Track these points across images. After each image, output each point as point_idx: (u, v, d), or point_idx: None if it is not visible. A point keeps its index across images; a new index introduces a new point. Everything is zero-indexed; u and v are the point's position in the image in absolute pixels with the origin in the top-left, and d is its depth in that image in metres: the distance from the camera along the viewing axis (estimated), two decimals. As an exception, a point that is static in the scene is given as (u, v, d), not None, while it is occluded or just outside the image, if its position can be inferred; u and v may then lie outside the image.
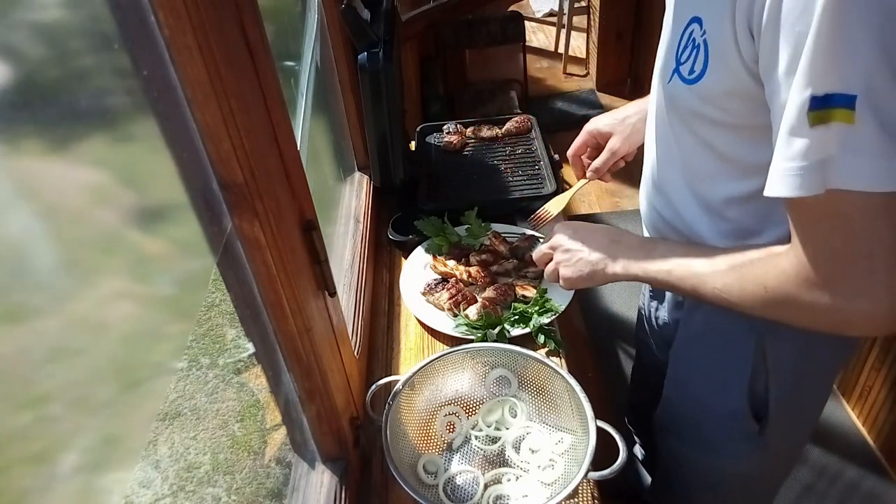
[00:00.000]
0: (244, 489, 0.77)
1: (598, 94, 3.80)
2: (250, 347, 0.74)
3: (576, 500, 0.89)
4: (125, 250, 0.51)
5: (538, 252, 1.01)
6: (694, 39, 0.71)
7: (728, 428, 0.98)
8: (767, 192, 0.63)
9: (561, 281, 0.95)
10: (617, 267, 0.86)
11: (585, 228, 0.94)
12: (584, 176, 1.14)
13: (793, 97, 0.58)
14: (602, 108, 3.60)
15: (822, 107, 0.56)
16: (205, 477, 0.71)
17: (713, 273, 0.75)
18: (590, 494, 0.90)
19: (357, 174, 1.48)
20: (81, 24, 0.47)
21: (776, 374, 0.89)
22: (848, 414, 1.97)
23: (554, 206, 1.18)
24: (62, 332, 0.42)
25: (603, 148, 1.09)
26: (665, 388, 1.10)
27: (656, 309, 1.10)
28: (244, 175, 0.57)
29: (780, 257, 0.68)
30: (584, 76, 4.06)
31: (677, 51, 0.75)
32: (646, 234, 1.02)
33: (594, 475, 0.80)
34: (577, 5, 3.89)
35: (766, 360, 0.89)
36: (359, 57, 1.17)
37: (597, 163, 1.10)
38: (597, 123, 1.10)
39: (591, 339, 2.26)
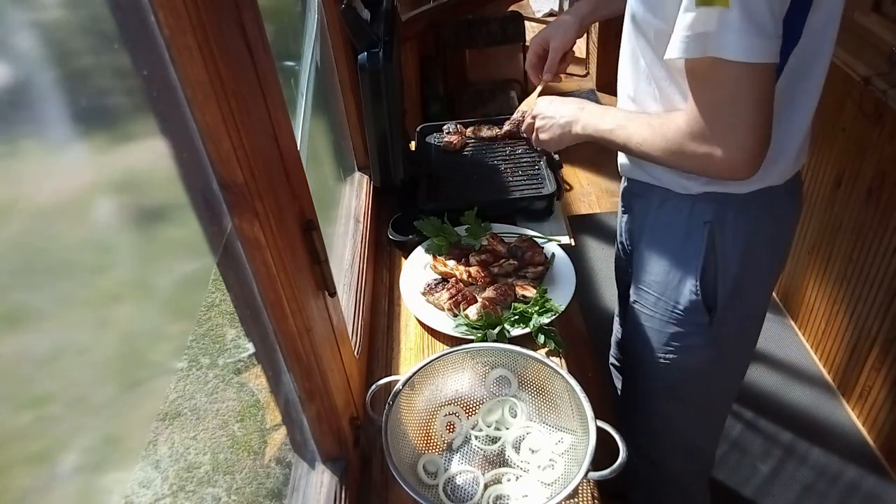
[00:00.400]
0: (244, 489, 0.77)
1: (598, 93, 3.81)
2: (250, 347, 0.74)
3: (576, 500, 0.89)
4: (125, 250, 0.51)
5: (525, 123, 1.21)
6: None
7: (681, 322, 1.11)
8: (665, 56, 0.82)
9: (539, 143, 1.17)
10: (578, 127, 1.07)
11: (558, 100, 1.14)
12: (540, 79, 1.31)
13: None
14: (602, 108, 3.60)
15: None
16: (205, 477, 0.71)
17: (637, 130, 0.95)
18: (590, 494, 0.90)
19: (357, 174, 1.48)
20: (81, 24, 0.47)
21: (723, 264, 1.03)
22: (848, 414, 1.97)
23: (526, 105, 1.32)
24: (62, 332, 0.42)
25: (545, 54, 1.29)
26: (630, 292, 1.22)
27: (626, 221, 1.21)
28: (244, 175, 0.57)
29: (678, 115, 0.88)
30: (584, 76, 4.06)
31: None
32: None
33: (594, 475, 0.80)
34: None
35: (716, 251, 1.02)
36: (359, 57, 1.17)
37: (547, 64, 1.27)
38: (538, 34, 1.30)
39: (591, 339, 2.26)
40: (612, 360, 1.59)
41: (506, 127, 1.51)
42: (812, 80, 0.93)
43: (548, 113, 1.14)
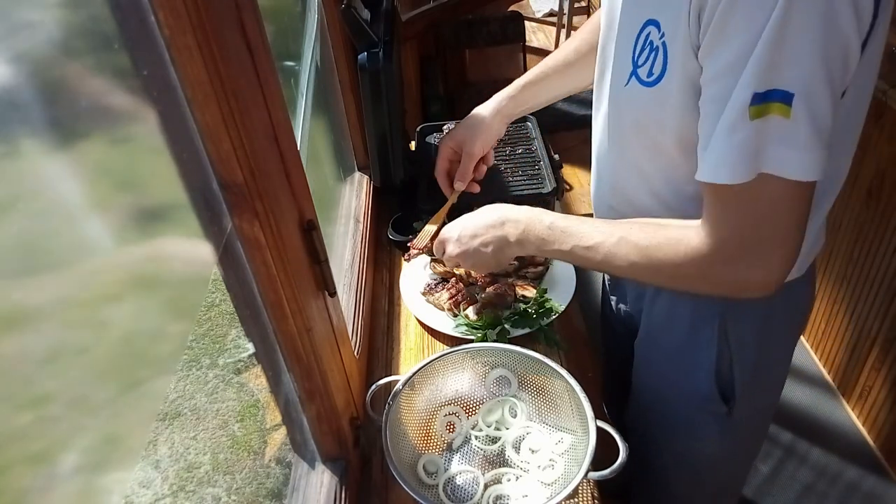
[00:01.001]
0: (244, 489, 0.77)
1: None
2: (250, 347, 0.74)
3: (576, 500, 0.89)
4: (125, 250, 0.51)
5: (434, 247, 1.03)
6: (652, 42, 0.73)
7: (697, 411, 1.01)
8: (702, 178, 0.68)
9: (468, 269, 1.02)
10: (514, 248, 0.90)
11: (466, 229, 0.94)
12: (451, 189, 1.17)
13: (737, 92, 0.63)
14: (602, 108, 3.60)
15: (762, 102, 0.62)
16: (205, 477, 0.71)
17: (619, 253, 0.79)
18: (590, 494, 0.90)
19: (357, 174, 1.48)
20: (81, 24, 0.47)
21: (739, 354, 0.93)
22: (848, 414, 1.97)
23: (433, 223, 1.16)
24: (62, 332, 0.42)
25: (459, 157, 1.14)
26: (634, 379, 1.13)
27: (616, 302, 1.13)
28: (244, 175, 0.57)
29: (689, 237, 0.73)
30: (584, 76, 4.05)
31: (633, 54, 0.77)
32: None
33: (594, 475, 0.80)
34: (577, 5, 3.89)
35: (729, 341, 0.92)
36: (359, 57, 1.17)
37: (459, 171, 1.13)
38: (450, 135, 1.15)
39: (591, 339, 2.26)
40: (604, 407, 1.52)
41: (412, 252, 1.13)
42: (838, 171, 0.81)
43: (467, 250, 0.94)
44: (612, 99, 0.86)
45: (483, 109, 1.12)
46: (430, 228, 1.14)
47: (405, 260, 1.15)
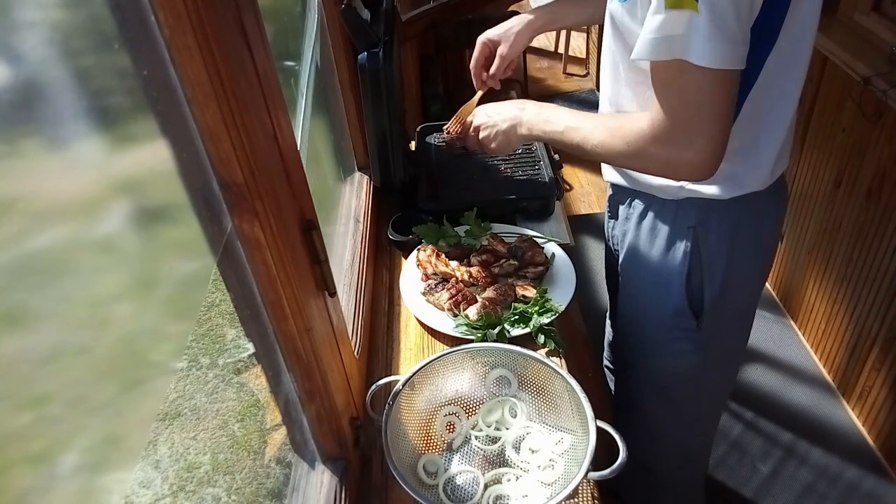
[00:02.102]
0: (244, 489, 0.77)
1: (597, 93, 3.80)
2: (250, 347, 0.74)
3: (576, 500, 0.89)
4: (125, 250, 0.51)
5: (468, 138, 1.19)
6: None
7: (669, 328, 1.11)
8: (632, 57, 0.82)
9: (487, 150, 1.16)
10: (523, 129, 1.07)
11: (495, 106, 1.14)
12: (483, 83, 1.29)
13: None
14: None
15: None
16: (205, 477, 0.71)
17: (593, 132, 0.94)
18: (590, 494, 0.90)
19: (357, 174, 1.47)
20: (81, 24, 0.47)
21: (709, 268, 1.03)
22: (848, 414, 1.97)
23: (465, 111, 1.28)
24: (62, 332, 0.42)
25: (493, 56, 1.28)
26: (619, 305, 1.23)
27: (612, 227, 1.22)
28: (244, 175, 0.57)
29: (640, 120, 0.87)
30: (584, 76, 4.06)
31: None
32: None
33: (594, 475, 0.80)
34: None
35: (701, 254, 1.03)
36: (359, 57, 1.17)
37: (492, 69, 1.26)
38: (487, 34, 1.28)
39: (591, 339, 2.26)
40: (605, 361, 1.60)
41: (443, 137, 1.39)
42: (789, 85, 0.92)
43: (488, 121, 1.13)
44: (606, 23, 0.97)
45: (517, 20, 1.25)
46: (464, 111, 1.28)
47: (444, 139, 1.33)
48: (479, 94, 1.29)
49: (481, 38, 1.28)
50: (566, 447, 0.90)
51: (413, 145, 1.60)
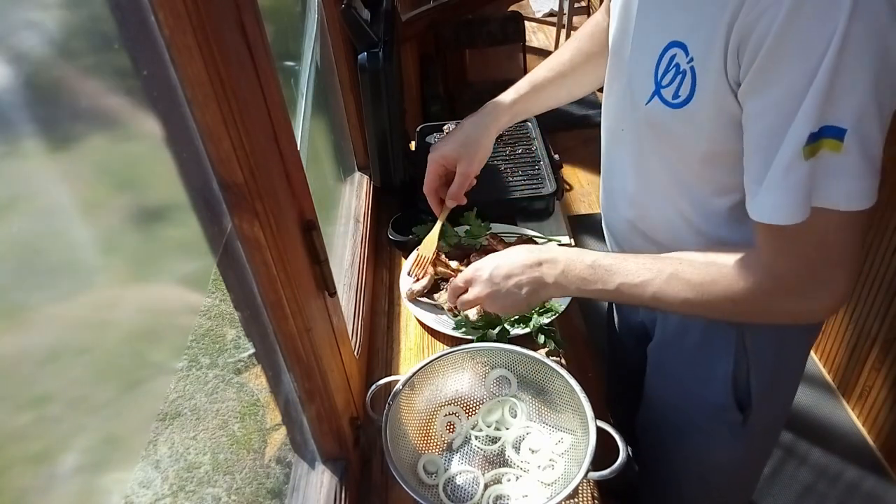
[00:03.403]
0: (244, 489, 0.77)
1: (597, 93, 3.80)
2: (250, 347, 0.74)
3: (576, 500, 0.89)
4: (125, 250, 0.51)
5: (451, 287, 0.98)
6: (678, 65, 0.73)
7: (713, 419, 1.01)
8: (760, 219, 0.68)
9: (494, 311, 0.94)
10: (553, 290, 0.86)
11: (499, 269, 0.89)
12: (442, 205, 1.12)
13: (792, 133, 0.62)
14: (601, 108, 3.60)
15: (816, 140, 0.62)
16: (205, 477, 0.71)
17: (668, 290, 0.78)
18: (590, 494, 0.90)
19: (357, 174, 1.47)
20: (81, 24, 0.47)
21: (756, 364, 0.92)
22: (848, 414, 1.97)
23: (426, 249, 1.15)
24: (62, 332, 0.42)
25: (451, 172, 1.08)
26: (646, 387, 1.12)
27: (629, 308, 1.12)
28: (244, 175, 0.57)
29: (745, 273, 0.73)
30: (584, 76, 4.05)
31: (656, 74, 0.76)
32: (610, 243, 1.06)
33: (594, 475, 0.80)
34: (577, 5, 3.89)
35: (747, 351, 0.92)
36: (359, 57, 1.17)
37: (453, 189, 1.08)
38: (441, 151, 1.07)
39: (591, 339, 2.26)
40: (611, 416, 1.49)
41: (413, 290, 1.15)
42: None
43: (494, 290, 0.89)
44: (630, 115, 0.85)
45: (477, 127, 1.06)
46: (425, 256, 1.13)
47: (408, 298, 1.15)
48: (440, 222, 1.13)
49: (433, 156, 1.07)
50: (566, 447, 0.90)
51: (413, 145, 1.60)
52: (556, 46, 4.23)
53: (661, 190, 0.86)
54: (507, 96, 1.09)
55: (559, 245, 1.27)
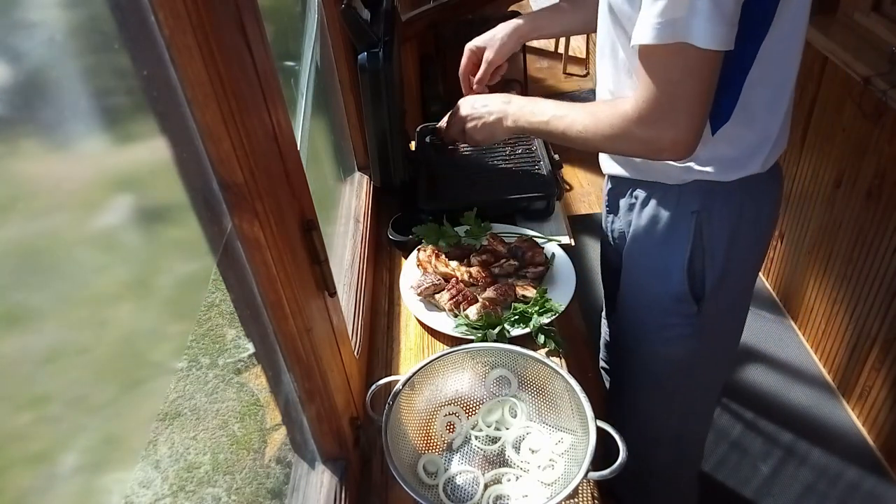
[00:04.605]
0: (244, 489, 0.77)
1: (598, 94, 3.80)
2: (250, 347, 0.74)
3: (576, 500, 0.89)
4: (125, 250, 0.51)
5: (444, 122, 1.23)
6: None
7: (669, 313, 1.12)
8: (633, 42, 0.83)
9: (469, 141, 1.18)
10: (509, 121, 1.09)
11: (481, 98, 1.16)
12: (471, 89, 1.31)
13: None
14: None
15: None
16: (205, 477, 0.71)
17: (577, 118, 0.98)
18: (590, 494, 0.90)
19: (357, 174, 1.48)
20: (81, 24, 0.47)
21: (711, 252, 1.05)
22: (848, 414, 1.97)
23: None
24: (62, 332, 0.42)
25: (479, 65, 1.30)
26: (620, 290, 1.24)
27: (612, 222, 1.22)
28: (244, 175, 0.57)
29: (624, 102, 0.90)
30: (584, 76, 4.05)
31: None
32: None
33: (594, 475, 0.80)
34: (577, 5, 3.88)
35: (703, 238, 1.04)
36: (359, 57, 1.17)
37: (479, 74, 1.28)
38: (474, 41, 1.30)
39: (591, 339, 2.26)
40: (601, 362, 1.60)
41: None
42: (787, 66, 0.94)
43: (473, 113, 1.15)
44: (601, 14, 1.00)
45: (504, 26, 1.27)
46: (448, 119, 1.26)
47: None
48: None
49: (468, 46, 1.30)
50: (566, 447, 0.90)
51: (413, 145, 1.60)
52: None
53: (634, 75, 0.97)
54: (534, 11, 1.32)
55: (559, 245, 1.28)
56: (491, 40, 1.27)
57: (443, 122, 1.27)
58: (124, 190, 0.51)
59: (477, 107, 1.14)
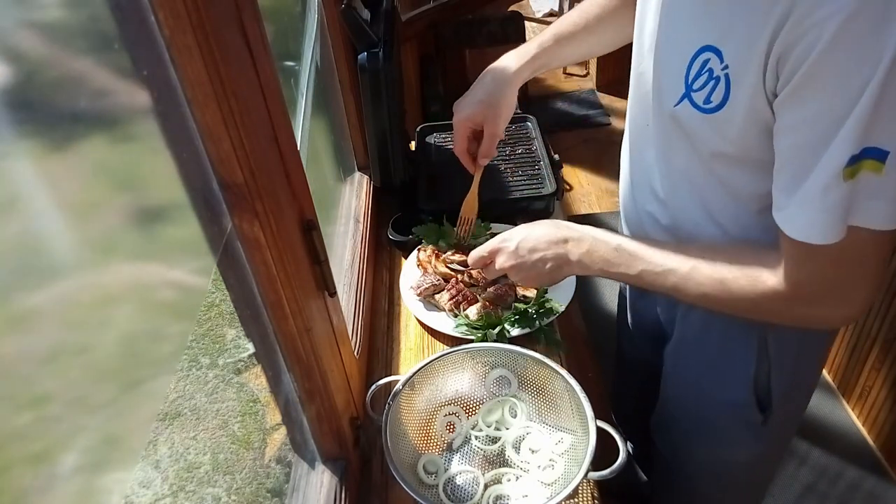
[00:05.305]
0: (244, 489, 0.77)
1: (597, 93, 3.81)
2: (250, 347, 0.74)
3: (576, 500, 0.89)
4: (125, 250, 0.51)
5: (473, 256, 1.00)
6: (711, 70, 0.72)
7: (733, 419, 1.01)
8: (793, 235, 0.68)
9: (517, 281, 0.98)
10: (575, 268, 0.89)
11: (526, 237, 0.92)
12: (476, 167, 1.14)
13: (833, 152, 0.62)
14: (601, 108, 3.60)
15: (857, 161, 0.61)
16: (205, 477, 0.71)
17: (691, 282, 0.78)
18: (590, 494, 0.90)
19: (357, 174, 1.48)
20: (81, 24, 0.47)
21: (778, 365, 0.93)
22: (848, 414, 1.97)
23: (469, 211, 1.17)
24: (62, 332, 0.42)
25: (479, 131, 1.09)
26: (663, 387, 1.12)
27: (642, 309, 1.13)
28: (244, 175, 0.57)
29: (768, 274, 0.73)
30: (584, 76, 4.06)
31: (687, 77, 0.76)
32: (625, 232, 1.05)
33: (594, 475, 0.80)
34: (577, 5, 3.89)
35: (769, 352, 0.92)
36: (359, 57, 1.17)
37: (484, 150, 1.09)
38: (465, 114, 1.07)
39: (591, 339, 2.26)
40: (615, 417, 1.50)
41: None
42: None
43: (521, 262, 0.92)
44: (657, 112, 0.85)
45: (498, 84, 1.06)
46: (468, 217, 1.16)
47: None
48: (478, 177, 1.16)
49: (458, 120, 1.08)
50: (566, 447, 0.90)
51: (413, 145, 1.60)
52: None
53: (688, 187, 0.85)
54: (529, 48, 1.08)
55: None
56: (487, 108, 1.06)
57: (475, 257, 1.03)
58: (124, 190, 0.51)
59: (523, 253, 0.91)
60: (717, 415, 1.03)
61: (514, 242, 0.93)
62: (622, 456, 0.81)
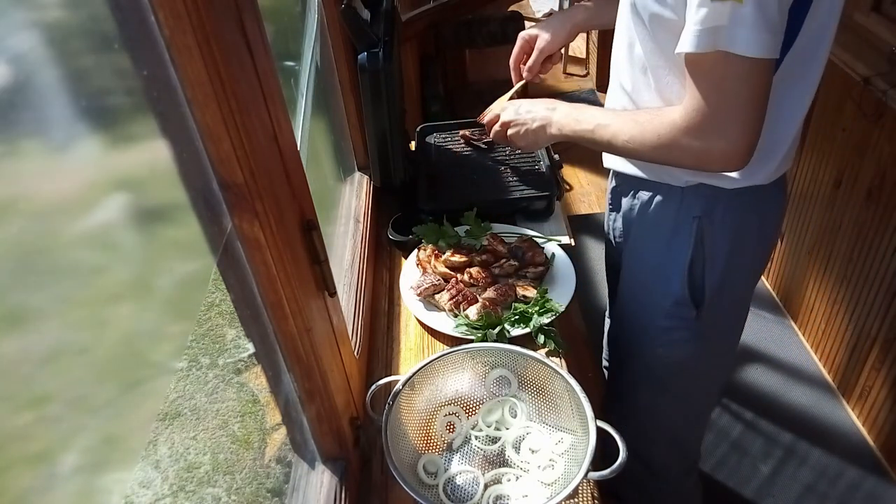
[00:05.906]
0: (244, 489, 0.77)
1: (597, 93, 3.81)
2: (250, 347, 0.74)
3: (576, 500, 0.89)
4: (125, 250, 0.51)
5: (493, 131, 1.21)
6: None
7: (669, 316, 1.13)
8: (678, 49, 0.82)
9: (512, 146, 1.19)
10: (553, 129, 1.09)
11: (526, 103, 1.15)
12: (519, 78, 1.31)
13: None
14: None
15: None
16: (205, 477, 0.71)
17: (623, 127, 0.95)
18: (590, 494, 0.90)
19: (357, 174, 1.47)
20: (81, 24, 0.47)
21: (711, 257, 1.05)
22: (848, 414, 1.97)
23: (498, 108, 1.28)
24: (62, 332, 0.42)
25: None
26: (619, 292, 1.25)
27: (614, 220, 1.23)
28: (244, 175, 0.57)
29: (671, 112, 0.88)
30: (584, 76, 4.06)
31: None
32: None
33: (594, 475, 0.80)
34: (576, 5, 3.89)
35: (704, 244, 1.04)
36: (359, 57, 1.17)
37: (529, 63, 1.28)
38: (528, 30, 1.29)
39: (591, 339, 2.26)
40: (604, 360, 1.60)
41: (463, 134, 1.52)
42: (806, 84, 0.93)
43: (518, 119, 1.14)
44: (621, 8, 0.99)
45: (558, 16, 1.29)
46: (494, 108, 1.27)
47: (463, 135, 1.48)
48: (516, 87, 1.31)
49: (522, 34, 1.30)
50: (566, 447, 0.90)
51: (413, 145, 1.60)
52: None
53: (650, 73, 0.98)
54: (582, 3, 1.29)
55: (559, 245, 1.28)
56: (543, 30, 1.27)
57: (486, 116, 1.25)
58: (124, 190, 0.51)
59: (521, 112, 1.13)
60: (657, 311, 1.14)
61: (517, 104, 1.17)
62: (622, 456, 0.81)
